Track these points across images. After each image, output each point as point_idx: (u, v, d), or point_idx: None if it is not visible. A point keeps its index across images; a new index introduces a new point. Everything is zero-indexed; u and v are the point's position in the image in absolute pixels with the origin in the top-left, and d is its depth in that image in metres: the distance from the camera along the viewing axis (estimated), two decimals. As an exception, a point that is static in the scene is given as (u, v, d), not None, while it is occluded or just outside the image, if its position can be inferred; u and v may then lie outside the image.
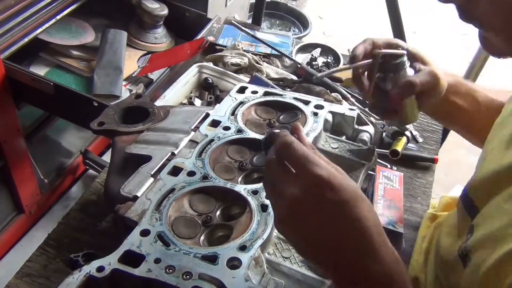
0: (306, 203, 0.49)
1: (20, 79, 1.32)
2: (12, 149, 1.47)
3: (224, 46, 1.40)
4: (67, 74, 1.52)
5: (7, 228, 1.66)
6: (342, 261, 0.49)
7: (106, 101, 1.22)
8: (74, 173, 1.93)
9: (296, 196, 0.49)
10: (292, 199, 0.49)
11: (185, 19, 1.68)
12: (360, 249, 0.49)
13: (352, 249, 0.49)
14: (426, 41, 2.66)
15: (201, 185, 0.72)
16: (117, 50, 1.52)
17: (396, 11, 1.78)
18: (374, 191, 0.89)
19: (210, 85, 1.23)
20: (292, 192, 0.49)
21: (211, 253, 0.61)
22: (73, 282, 0.58)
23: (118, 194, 0.72)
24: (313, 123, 0.84)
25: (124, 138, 0.84)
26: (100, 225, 0.85)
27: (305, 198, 0.49)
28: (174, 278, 0.58)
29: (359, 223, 0.48)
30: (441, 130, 1.24)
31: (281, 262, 0.63)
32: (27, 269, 0.78)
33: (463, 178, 0.78)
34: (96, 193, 0.92)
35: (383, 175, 0.93)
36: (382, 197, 0.88)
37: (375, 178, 0.92)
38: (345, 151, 0.83)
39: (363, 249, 0.49)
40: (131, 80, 1.52)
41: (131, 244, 0.62)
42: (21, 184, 1.59)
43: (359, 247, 0.49)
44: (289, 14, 3.04)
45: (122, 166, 0.80)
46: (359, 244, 0.49)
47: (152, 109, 0.90)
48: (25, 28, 1.37)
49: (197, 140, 0.81)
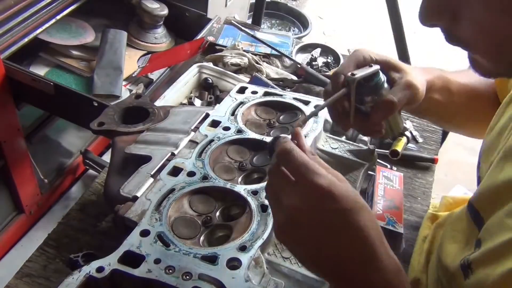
0: (305, 212, 0.49)
1: (20, 79, 1.32)
2: (12, 149, 1.47)
3: (224, 46, 1.40)
4: (67, 74, 1.52)
5: (7, 228, 1.66)
6: (343, 270, 0.49)
7: (106, 101, 1.22)
8: (74, 173, 1.93)
9: (295, 206, 0.49)
10: (291, 208, 0.49)
11: (185, 19, 1.68)
12: (362, 258, 0.48)
13: (353, 258, 0.48)
14: (426, 41, 2.66)
15: (201, 186, 0.72)
16: (117, 50, 1.52)
17: (396, 11, 1.78)
18: (374, 191, 0.89)
19: (210, 85, 1.23)
20: (292, 201, 0.49)
21: (211, 253, 0.61)
22: (73, 283, 0.58)
23: (118, 195, 0.72)
24: (313, 123, 0.84)
25: (124, 138, 0.84)
26: (100, 225, 0.85)
27: (305, 208, 0.49)
28: (174, 278, 0.58)
29: (361, 232, 0.48)
30: (441, 130, 1.24)
31: (281, 263, 0.63)
32: (27, 269, 0.78)
33: (463, 178, 0.78)
34: (96, 193, 0.92)
35: (383, 175, 0.93)
36: (382, 197, 0.88)
37: (375, 178, 0.92)
38: (345, 151, 0.83)
39: (364, 258, 0.48)
40: (131, 80, 1.52)
41: (131, 244, 0.62)
42: (21, 184, 1.59)
43: (361, 256, 0.48)
44: (289, 14, 3.04)
45: (122, 166, 0.80)
46: (360, 253, 0.48)
47: (152, 109, 0.90)
48: (25, 28, 1.37)
49: (197, 141, 0.81)
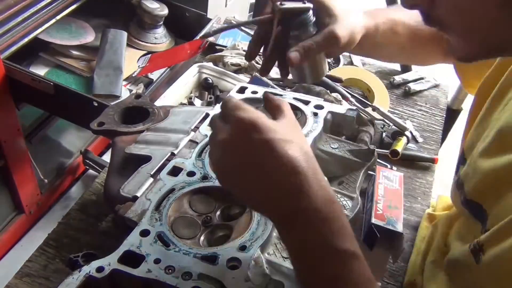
0: (232, 144, 0.51)
1: (20, 79, 1.32)
2: (12, 149, 1.47)
3: (224, 46, 1.40)
4: (67, 74, 1.52)
5: (7, 228, 1.66)
6: (272, 198, 0.50)
7: (106, 101, 1.22)
8: (74, 173, 1.93)
9: (224, 139, 0.51)
10: (221, 142, 0.52)
11: (185, 19, 1.68)
12: (289, 185, 0.49)
13: (280, 185, 0.50)
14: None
15: (201, 185, 0.72)
16: (117, 50, 1.52)
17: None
18: (374, 191, 0.89)
19: (210, 85, 1.23)
20: (222, 137, 0.52)
21: (211, 253, 0.61)
22: (73, 283, 0.58)
23: (118, 195, 0.72)
24: (313, 123, 0.84)
25: (124, 138, 0.84)
26: (100, 225, 0.85)
27: (231, 140, 0.51)
28: (173, 278, 0.58)
29: (288, 160, 0.49)
30: (441, 130, 1.25)
31: (281, 262, 0.63)
32: (26, 269, 0.78)
33: (463, 178, 0.78)
34: (96, 193, 0.92)
35: (383, 175, 0.93)
36: (382, 197, 0.88)
37: (375, 178, 0.92)
38: (345, 151, 0.83)
39: (291, 187, 0.49)
40: (131, 80, 1.52)
41: (131, 244, 0.62)
42: (21, 184, 1.59)
43: (288, 183, 0.49)
44: (289, 14, 3.04)
45: (122, 166, 0.80)
46: (287, 182, 0.49)
47: (152, 109, 0.90)
48: (25, 28, 1.37)
49: (197, 140, 0.81)
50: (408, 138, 1.14)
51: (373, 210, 0.81)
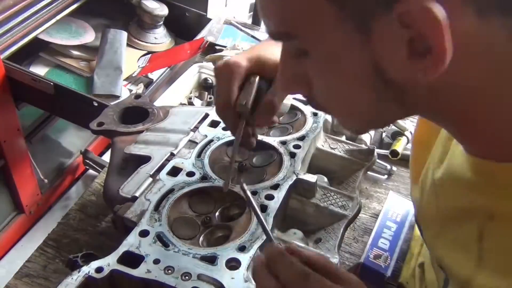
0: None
1: (20, 79, 1.32)
2: (12, 149, 1.47)
3: (224, 46, 1.40)
4: (67, 74, 1.52)
5: (7, 228, 1.66)
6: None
7: (106, 101, 1.22)
8: (74, 173, 1.93)
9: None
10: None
11: (185, 19, 1.67)
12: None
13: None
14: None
15: (200, 186, 0.72)
16: (117, 50, 1.52)
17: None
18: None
19: (210, 85, 1.23)
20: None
21: (210, 253, 0.61)
22: (72, 283, 0.58)
23: (117, 195, 0.72)
24: (312, 123, 0.84)
25: (123, 138, 0.84)
26: (99, 226, 0.85)
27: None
28: (173, 278, 0.58)
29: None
30: (441, 130, 1.24)
31: (281, 263, 0.63)
32: (26, 269, 0.78)
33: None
34: (96, 193, 0.92)
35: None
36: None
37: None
38: (344, 151, 0.83)
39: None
40: (131, 80, 1.52)
41: (130, 244, 0.62)
42: (21, 184, 1.59)
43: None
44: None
45: (122, 167, 0.80)
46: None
47: (151, 109, 0.90)
48: (25, 28, 1.37)
49: (196, 141, 0.81)
50: (408, 138, 1.13)
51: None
